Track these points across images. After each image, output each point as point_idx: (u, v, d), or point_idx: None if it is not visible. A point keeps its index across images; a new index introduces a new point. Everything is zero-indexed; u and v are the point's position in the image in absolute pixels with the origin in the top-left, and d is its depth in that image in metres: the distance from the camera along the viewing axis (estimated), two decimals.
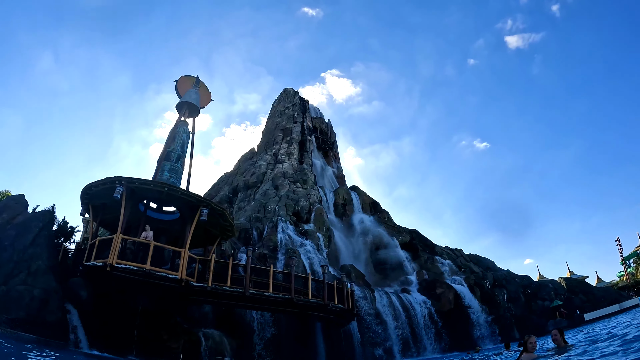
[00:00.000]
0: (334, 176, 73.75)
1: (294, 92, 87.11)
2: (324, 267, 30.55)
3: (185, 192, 24.52)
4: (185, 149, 30.54)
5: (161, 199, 26.06)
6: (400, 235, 57.28)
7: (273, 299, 24.49)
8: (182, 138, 30.52)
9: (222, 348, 26.99)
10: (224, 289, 23.24)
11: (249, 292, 23.42)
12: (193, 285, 22.68)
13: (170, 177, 27.97)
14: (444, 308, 42.33)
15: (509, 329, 45.40)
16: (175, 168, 28.81)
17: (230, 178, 68.30)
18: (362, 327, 35.22)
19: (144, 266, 21.13)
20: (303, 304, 25.76)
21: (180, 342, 24.59)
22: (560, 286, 56.14)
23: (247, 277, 23.95)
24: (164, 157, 29.24)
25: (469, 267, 55.90)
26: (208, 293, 23.22)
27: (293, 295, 24.89)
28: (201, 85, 35.01)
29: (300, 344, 31.67)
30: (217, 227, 27.18)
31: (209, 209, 24.14)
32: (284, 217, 46.30)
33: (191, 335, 25.67)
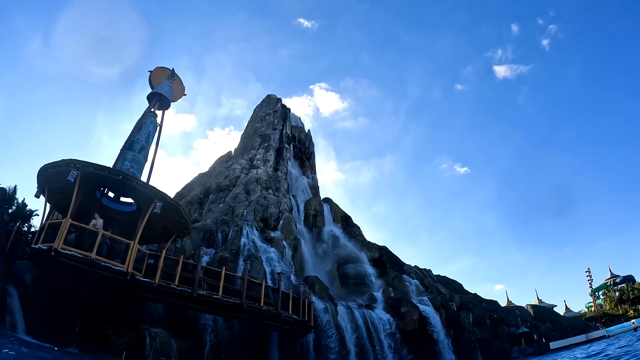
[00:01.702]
0: (308, 186, 72.87)
1: (277, 99, 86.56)
2: (280, 274, 29.62)
3: (139, 182, 23.35)
4: (150, 141, 29.49)
5: (117, 189, 24.99)
6: (369, 250, 56.47)
7: (222, 302, 23.44)
8: (148, 129, 29.47)
9: (168, 349, 25.84)
10: (172, 287, 22.08)
11: (197, 292, 22.36)
12: (139, 280, 21.49)
13: (131, 167, 26.84)
14: (408, 327, 41.39)
15: (473, 353, 44.88)
16: (137, 159, 27.70)
17: (203, 179, 67.16)
18: (320, 341, 34.11)
19: (90, 255, 19.97)
20: (254, 311, 24.73)
21: (124, 339, 23.47)
22: (527, 313, 55.81)
23: (197, 277, 22.88)
24: (127, 146, 28.13)
25: (437, 288, 55.27)
26: (155, 290, 22.04)
27: (244, 301, 23.85)
28: (175, 78, 34.02)
29: (253, 353, 30.64)
30: (174, 223, 26.11)
31: (163, 202, 23.08)
32: (251, 222, 45.24)
33: (137, 332, 24.53)
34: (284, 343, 31.79)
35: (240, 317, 25.86)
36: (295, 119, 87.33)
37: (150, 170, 29.38)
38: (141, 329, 25.00)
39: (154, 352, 24.74)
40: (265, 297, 26.55)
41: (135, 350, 23.64)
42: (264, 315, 25.28)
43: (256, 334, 30.86)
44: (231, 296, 24.33)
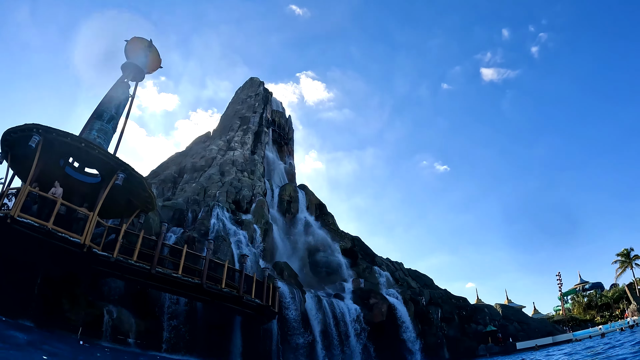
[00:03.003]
0: (284, 172, 72.01)
1: (260, 82, 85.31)
2: (244, 256, 28.77)
3: (103, 151, 22.40)
4: (120, 112, 28.45)
5: (82, 158, 23.98)
6: (342, 240, 55.96)
7: (182, 281, 22.61)
8: (119, 99, 28.46)
9: (127, 328, 25.13)
10: (130, 262, 21.18)
11: (155, 270, 21.51)
12: (96, 253, 20.58)
13: (98, 137, 25.86)
14: (376, 319, 41.10)
15: (440, 349, 44.84)
16: (105, 129, 26.68)
17: (179, 158, 65.98)
18: (285, 328, 33.60)
19: (46, 224, 19.07)
20: (215, 293, 23.96)
21: (81, 315, 22.68)
22: (496, 312, 55.91)
23: (157, 254, 22.01)
24: (96, 115, 27.11)
25: (407, 282, 55.12)
26: (112, 265, 21.17)
27: (204, 282, 23.03)
28: (152, 50, 32.82)
29: (215, 337, 29.88)
30: (138, 197, 25.22)
31: (126, 174, 22.22)
32: (222, 203, 44.36)
33: (95, 309, 23.72)
34: (247, 328, 31.15)
35: (201, 298, 25.12)
36: (277, 104, 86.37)
37: (118, 142, 28.30)
38: (99, 305, 24.16)
39: (111, 330, 23.97)
40: (229, 279, 25.83)
41: (92, 327, 22.86)
42: (226, 297, 24.53)
43: (219, 318, 30.07)
44: (193, 276, 23.49)
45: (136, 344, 25.09)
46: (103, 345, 22.33)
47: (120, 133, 28.48)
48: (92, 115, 27.06)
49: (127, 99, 29.37)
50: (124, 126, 28.84)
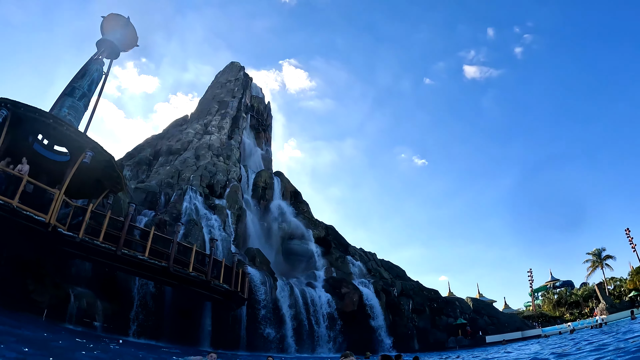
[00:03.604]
0: (261, 158, 71.71)
1: (240, 67, 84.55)
2: (213, 240, 28.57)
3: (72, 128, 21.77)
4: (92, 89, 27.72)
5: (51, 135, 23.30)
6: (316, 228, 55.86)
7: (148, 264, 22.22)
8: (92, 76, 27.71)
9: (93, 311, 24.75)
10: (95, 243, 20.70)
11: (121, 251, 21.07)
12: (61, 233, 20.03)
13: (69, 114, 25.14)
14: (347, 309, 41.23)
15: (410, 340, 45.19)
16: (76, 106, 25.96)
17: (155, 141, 65.04)
18: (256, 315, 33.52)
19: (11, 202, 18.40)
20: (182, 277, 23.63)
21: (46, 297, 22.16)
22: (467, 305, 56.41)
23: (123, 235, 21.56)
24: (68, 92, 26.37)
25: (380, 272, 55.30)
26: (78, 245, 20.63)
27: (171, 265, 22.66)
28: (129, 27, 32.09)
29: (184, 322, 29.63)
30: (107, 177, 24.69)
31: (94, 152, 21.66)
32: (196, 187, 43.93)
33: (60, 291, 23.26)
34: (217, 314, 30.95)
35: (169, 282, 24.79)
36: (257, 89, 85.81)
37: (90, 120, 27.63)
38: (65, 287, 23.69)
39: (77, 312, 23.54)
40: (199, 264, 25.54)
41: (57, 309, 22.42)
42: (193, 282, 24.22)
43: (188, 303, 29.84)
44: (161, 259, 23.09)
45: (103, 328, 24.74)
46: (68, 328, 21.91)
47: (92, 111, 27.80)
48: (64, 92, 26.31)
49: (100, 76, 28.67)
50: (96, 104, 28.12)
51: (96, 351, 15.16)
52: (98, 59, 29.25)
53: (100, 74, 28.64)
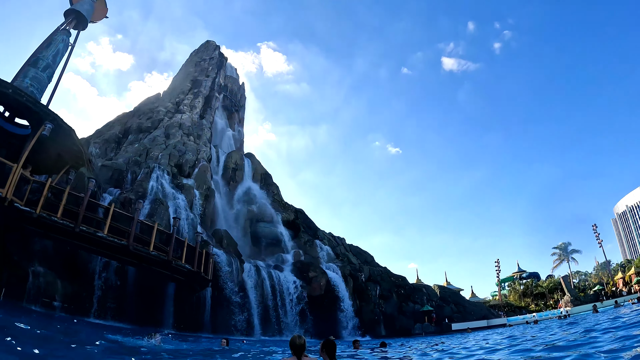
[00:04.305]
0: (233, 139, 70.88)
1: (216, 46, 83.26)
2: (175, 218, 28.02)
3: (31, 99, 20.94)
4: (57, 60, 26.81)
5: (9, 105, 22.50)
6: (285, 212, 55.50)
7: (107, 242, 21.70)
8: (57, 47, 26.81)
9: (53, 290, 24.10)
10: (53, 219, 20.12)
11: (79, 228, 20.46)
12: (18, 208, 19.36)
13: (31, 86, 24.27)
14: (314, 293, 41.13)
15: (376, 325, 45.28)
16: (39, 77, 25.06)
17: (125, 118, 63.57)
18: (222, 297, 33.19)
19: None
20: (143, 256, 23.16)
21: (4, 275, 21.50)
22: (433, 293, 56.65)
23: (82, 212, 20.97)
24: (31, 62, 25.47)
25: (348, 257, 55.17)
26: (35, 221, 20.04)
27: (130, 243, 22.13)
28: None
29: (146, 303, 29.09)
30: (68, 151, 23.89)
31: (54, 124, 20.94)
32: (164, 166, 43.14)
33: (18, 269, 22.55)
34: (180, 296, 30.53)
35: (129, 261, 24.30)
36: (231, 70, 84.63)
37: (53, 92, 26.68)
38: (24, 265, 22.98)
39: (36, 291, 22.90)
40: (164, 244, 25.07)
41: (16, 288, 21.78)
42: (154, 261, 23.75)
43: (152, 284, 29.24)
44: (123, 238, 22.53)
45: (62, 308, 24.14)
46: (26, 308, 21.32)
47: (55, 83, 26.89)
48: (27, 62, 25.40)
49: (66, 47, 27.76)
50: (60, 75, 27.22)
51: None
52: (65, 29, 28.34)
53: (66, 45, 27.73)
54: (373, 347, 19.61)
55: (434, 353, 13.69)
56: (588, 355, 7.48)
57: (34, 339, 10.97)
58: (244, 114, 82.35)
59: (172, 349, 11.73)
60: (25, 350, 8.54)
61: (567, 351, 6.71)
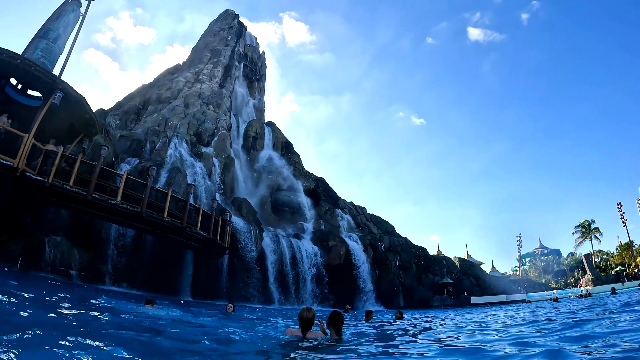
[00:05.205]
0: (253, 108, 70.64)
1: (235, 14, 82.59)
2: (190, 185, 28.18)
3: (39, 69, 20.91)
4: (68, 32, 26.73)
5: (20, 77, 22.54)
6: (306, 180, 55.57)
7: (120, 209, 21.83)
8: (68, 18, 26.71)
9: (69, 259, 24.48)
10: (65, 187, 20.30)
11: (92, 196, 20.62)
12: (30, 177, 19.61)
13: (42, 57, 24.27)
14: (333, 262, 41.23)
15: (395, 296, 45.08)
16: (50, 48, 25.02)
17: (145, 90, 63.84)
18: (241, 264, 33.43)
19: None
20: (157, 222, 23.29)
21: (19, 245, 21.83)
22: (453, 265, 56.40)
23: (94, 179, 21.10)
24: (41, 34, 25.46)
25: (368, 227, 55.10)
26: (47, 190, 20.28)
27: (143, 210, 22.25)
28: None
29: (164, 272, 29.35)
30: (79, 120, 23.95)
31: (64, 93, 21.00)
32: (182, 135, 43.34)
33: (34, 239, 22.89)
34: (198, 263, 30.78)
35: (143, 228, 24.49)
36: (251, 38, 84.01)
37: (65, 63, 26.69)
38: (39, 235, 23.30)
39: (52, 260, 23.27)
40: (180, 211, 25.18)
41: (32, 258, 22.14)
42: (168, 228, 23.87)
43: (169, 252, 29.48)
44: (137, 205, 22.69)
45: (79, 276, 24.54)
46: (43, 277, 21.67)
47: (67, 54, 26.85)
48: (37, 34, 25.36)
49: (77, 18, 27.68)
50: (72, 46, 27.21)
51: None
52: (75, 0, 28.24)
53: (77, 16, 27.62)
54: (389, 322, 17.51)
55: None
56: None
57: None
58: (265, 83, 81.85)
59: (154, 314, 11.60)
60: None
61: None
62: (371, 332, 11.52)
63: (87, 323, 8.44)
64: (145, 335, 7.69)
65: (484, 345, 7.24)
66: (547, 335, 8.57)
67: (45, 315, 8.45)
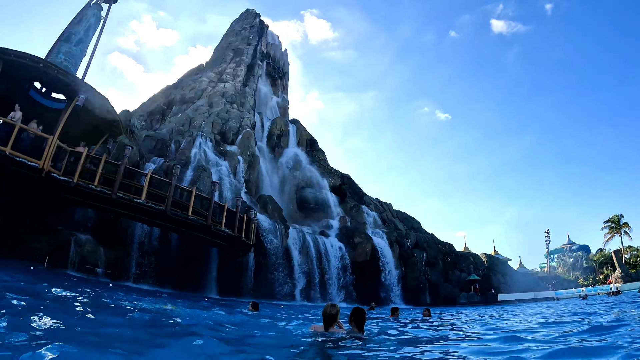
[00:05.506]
0: (277, 106, 70.95)
1: (256, 13, 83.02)
2: (214, 184, 28.28)
3: (62, 71, 21.29)
4: (90, 35, 27.11)
5: (44, 80, 22.93)
6: (331, 177, 55.50)
7: (145, 207, 22.04)
8: (89, 21, 27.11)
9: (95, 257, 24.83)
10: (90, 187, 20.59)
11: (116, 195, 20.89)
12: (56, 178, 19.96)
13: (65, 60, 24.67)
14: (359, 258, 41.05)
15: (421, 293, 44.62)
16: (72, 52, 25.43)
17: (169, 91, 64.53)
18: (266, 262, 33.49)
19: (4, 149, 18.38)
20: (181, 220, 23.50)
21: (44, 244, 22.20)
22: (480, 261, 55.64)
23: (119, 179, 21.35)
24: (63, 38, 25.86)
25: (394, 223, 54.83)
26: (73, 190, 20.59)
27: (168, 208, 22.43)
28: None
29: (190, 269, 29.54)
30: (103, 121, 24.30)
31: (87, 95, 21.32)
32: (207, 134, 43.65)
33: (59, 237, 23.29)
34: (224, 261, 30.94)
35: (168, 226, 24.70)
36: (273, 37, 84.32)
37: (88, 66, 27.04)
38: (65, 233, 23.72)
39: (79, 259, 23.64)
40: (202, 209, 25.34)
41: (58, 256, 22.50)
42: (192, 225, 24.04)
43: (194, 250, 29.64)
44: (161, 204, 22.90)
45: (105, 274, 24.85)
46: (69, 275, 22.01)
47: (90, 57, 27.20)
48: (59, 38, 25.78)
49: (98, 21, 28.04)
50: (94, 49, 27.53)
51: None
52: (96, 3, 28.55)
53: (98, 19, 27.97)
54: (413, 319, 16.85)
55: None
56: None
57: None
58: (288, 80, 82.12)
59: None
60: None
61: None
62: (396, 329, 11.37)
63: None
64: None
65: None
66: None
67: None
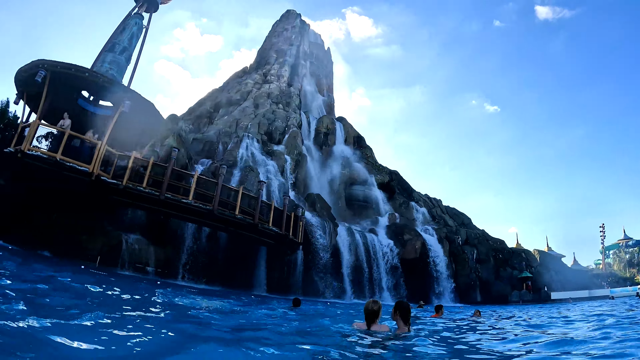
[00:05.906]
0: (323, 105, 71.04)
1: (297, 14, 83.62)
2: (261, 182, 28.54)
3: (107, 79, 22.16)
4: (134, 43, 27.93)
5: (90, 89, 23.85)
6: (379, 174, 55.34)
7: (192, 207, 22.53)
8: (132, 30, 27.92)
9: (146, 256, 25.41)
10: (139, 189, 21.28)
11: (164, 195, 21.46)
12: (105, 181, 20.77)
13: (110, 69, 25.55)
14: (409, 256, 40.67)
15: (472, 291, 43.92)
16: (117, 60, 26.31)
17: (215, 94, 65.53)
18: (315, 260, 33.43)
19: (55, 155, 19.41)
20: (228, 219, 23.89)
21: (98, 244, 22.96)
22: (533, 258, 54.39)
23: (166, 180, 21.93)
24: (108, 48, 26.77)
25: (444, 220, 54.12)
26: (122, 192, 21.33)
27: (215, 208, 22.85)
28: None
29: (238, 268, 29.91)
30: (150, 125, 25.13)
31: (132, 101, 21.99)
32: (253, 134, 44.11)
33: (112, 238, 23.96)
34: (272, 259, 31.19)
35: (215, 225, 25.11)
36: (315, 36, 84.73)
37: (133, 74, 27.86)
38: (116, 234, 24.38)
39: (129, 258, 24.26)
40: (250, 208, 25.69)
41: (110, 256, 23.16)
42: (240, 224, 24.39)
43: (243, 248, 29.98)
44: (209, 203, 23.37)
45: (156, 273, 25.40)
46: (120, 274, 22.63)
47: (134, 64, 28.02)
48: (104, 48, 26.72)
49: (141, 30, 28.80)
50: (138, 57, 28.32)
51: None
52: (137, 13, 29.37)
53: (140, 28, 28.76)
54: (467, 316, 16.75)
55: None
56: None
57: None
58: (333, 79, 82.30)
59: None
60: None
61: None
62: (440, 327, 11.25)
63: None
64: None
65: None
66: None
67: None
